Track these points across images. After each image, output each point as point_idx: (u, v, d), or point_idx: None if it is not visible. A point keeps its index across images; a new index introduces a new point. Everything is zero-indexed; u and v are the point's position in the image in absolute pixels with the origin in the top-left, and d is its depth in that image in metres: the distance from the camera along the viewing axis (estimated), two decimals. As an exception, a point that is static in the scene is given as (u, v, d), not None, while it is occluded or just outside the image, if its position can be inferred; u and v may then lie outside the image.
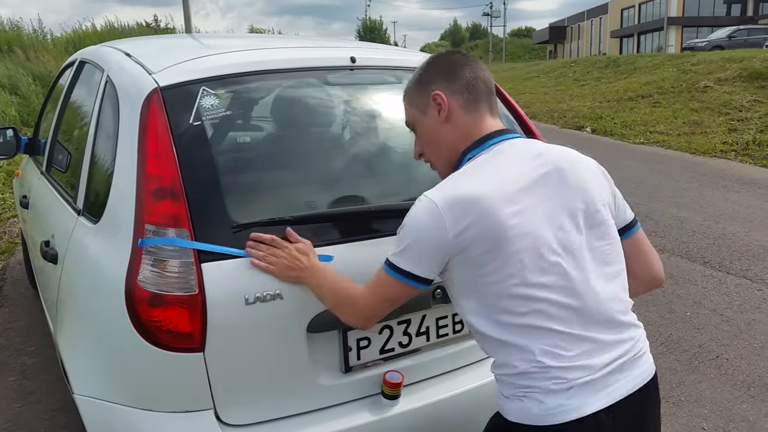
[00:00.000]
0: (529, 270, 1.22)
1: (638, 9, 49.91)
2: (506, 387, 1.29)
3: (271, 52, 2.02)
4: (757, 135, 10.46)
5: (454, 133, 1.38)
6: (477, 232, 1.22)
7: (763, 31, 29.22)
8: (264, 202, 1.64)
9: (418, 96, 1.42)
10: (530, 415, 1.24)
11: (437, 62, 1.44)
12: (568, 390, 1.21)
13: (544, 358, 1.22)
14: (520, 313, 1.23)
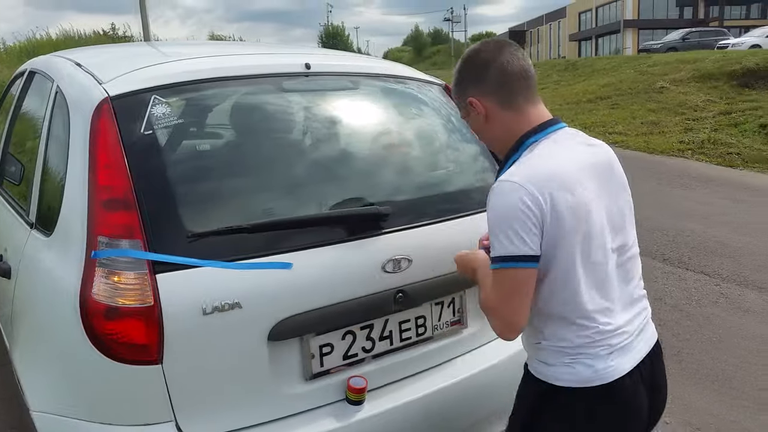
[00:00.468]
0: (599, 245, 1.37)
1: (595, 12, 51.03)
2: (552, 355, 1.41)
3: (225, 59, 2.01)
4: (711, 134, 10.77)
5: (498, 129, 1.47)
6: (564, 202, 1.31)
7: (714, 33, 30.17)
8: (220, 210, 1.62)
9: (460, 101, 1.52)
10: (580, 378, 1.37)
11: (466, 66, 1.49)
12: (610, 354, 1.38)
13: (598, 335, 1.37)
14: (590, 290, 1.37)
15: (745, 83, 13.50)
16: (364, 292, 1.69)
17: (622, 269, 1.45)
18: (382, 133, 2.08)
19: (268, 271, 1.54)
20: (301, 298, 1.60)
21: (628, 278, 1.47)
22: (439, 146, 2.20)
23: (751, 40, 24.16)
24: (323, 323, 1.65)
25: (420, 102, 2.23)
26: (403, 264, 1.74)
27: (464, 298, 1.97)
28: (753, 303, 4.18)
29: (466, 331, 1.99)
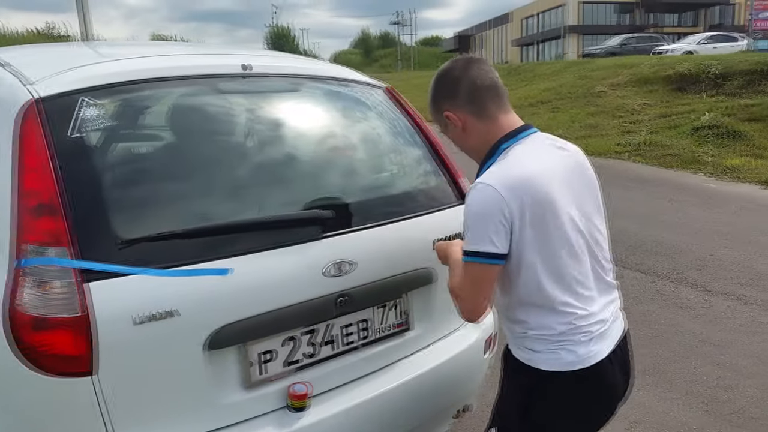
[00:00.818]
0: (573, 241, 1.50)
1: (539, 18, 52.28)
2: (538, 343, 1.52)
3: (161, 59, 1.95)
4: (648, 136, 11.19)
5: (474, 138, 1.59)
6: (533, 204, 1.43)
7: (650, 39, 31.42)
8: (155, 215, 1.57)
9: (436, 115, 1.64)
10: (565, 363, 1.49)
11: (439, 84, 1.62)
12: (590, 340, 1.51)
13: (578, 321, 1.50)
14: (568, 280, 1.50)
15: (680, 87, 14.09)
16: (305, 297, 1.67)
17: (596, 261, 1.58)
18: (323, 136, 2.06)
19: (206, 277, 1.50)
20: (240, 304, 1.56)
21: (602, 269, 1.60)
22: (382, 149, 2.20)
23: (684, 47, 25.29)
24: (263, 330, 1.62)
25: (362, 105, 2.22)
26: (345, 268, 1.73)
27: (409, 300, 1.98)
28: (687, 300, 4.35)
29: (411, 333, 2.00)
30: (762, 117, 11.21)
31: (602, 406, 1.61)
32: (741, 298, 4.35)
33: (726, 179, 8.57)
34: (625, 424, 2.89)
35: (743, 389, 3.16)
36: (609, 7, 47.95)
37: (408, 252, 1.92)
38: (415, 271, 1.94)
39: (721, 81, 13.33)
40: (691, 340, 3.73)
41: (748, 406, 3.00)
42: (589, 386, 1.53)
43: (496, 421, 1.69)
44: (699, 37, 27.83)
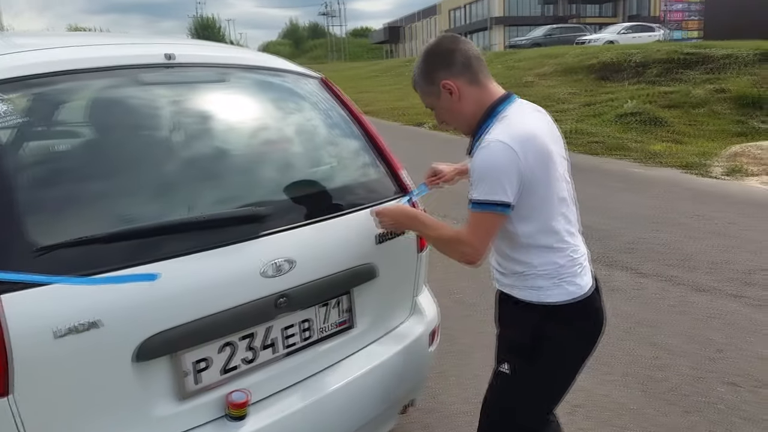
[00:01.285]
0: (562, 188, 1.70)
1: (465, 10, 53.06)
2: (542, 280, 1.70)
3: (77, 50, 1.78)
4: (576, 124, 11.52)
5: (469, 105, 1.72)
6: (537, 157, 1.60)
7: (574, 29, 32.41)
8: (74, 218, 1.43)
9: (429, 86, 1.74)
10: (569, 293, 1.70)
11: (433, 56, 1.73)
12: (582, 272, 1.75)
13: (573, 254, 1.73)
14: (561, 217, 1.70)
15: (603, 76, 14.60)
16: (242, 300, 1.57)
17: (575, 206, 1.80)
18: (257, 129, 1.96)
19: (132, 284, 1.38)
20: (171, 311, 1.45)
21: (576, 213, 1.80)
22: (319, 142, 2.11)
23: (606, 37, 26.22)
24: (197, 337, 1.52)
25: (297, 96, 2.12)
26: (284, 267, 1.64)
27: (352, 297, 1.91)
28: (620, 282, 4.48)
29: (354, 330, 1.93)
30: (680, 104, 11.76)
31: (598, 329, 1.82)
32: (671, 279, 4.51)
33: (650, 164, 8.93)
34: (567, 408, 2.92)
35: (677, 368, 3.26)
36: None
37: (349, 248, 1.85)
38: (357, 267, 1.87)
39: (642, 69, 13.89)
40: (626, 322, 3.84)
41: (681, 384, 3.10)
42: (589, 313, 1.77)
43: (506, 358, 1.81)
44: (619, 27, 28.92)
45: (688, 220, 5.98)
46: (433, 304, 2.30)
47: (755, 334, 3.62)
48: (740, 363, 3.29)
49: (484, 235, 1.64)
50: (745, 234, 5.48)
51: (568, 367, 1.82)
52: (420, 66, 1.75)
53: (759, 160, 8.24)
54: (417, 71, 1.76)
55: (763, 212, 6.21)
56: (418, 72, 1.76)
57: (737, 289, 4.27)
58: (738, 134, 10.28)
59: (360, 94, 19.82)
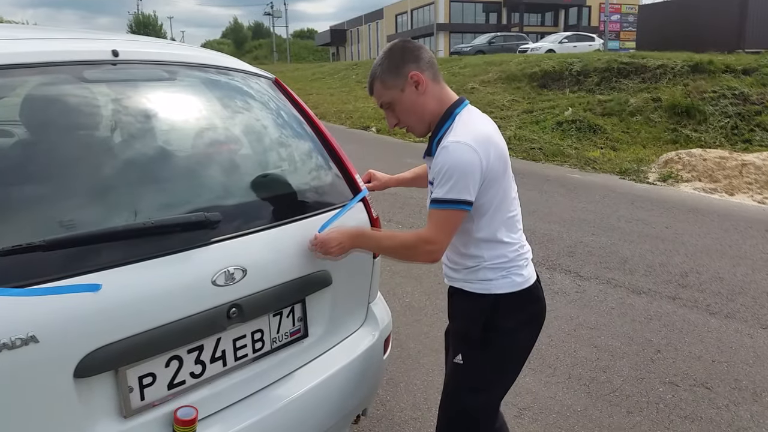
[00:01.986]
0: (510, 187, 1.83)
1: (410, 15, 53.44)
2: (492, 272, 1.82)
3: (12, 43, 1.66)
4: (517, 131, 11.78)
5: (431, 101, 1.81)
6: (496, 157, 1.71)
7: (516, 38, 33.18)
8: (6, 225, 1.32)
9: (395, 78, 1.79)
10: (516, 284, 1.83)
11: (401, 51, 1.80)
12: (526, 265, 1.87)
13: (520, 249, 1.86)
14: (509, 215, 1.83)
15: (543, 84, 14.96)
16: (191, 311, 1.49)
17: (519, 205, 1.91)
18: (206, 130, 1.87)
19: (71, 296, 1.29)
20: (113, 324, 1.36)
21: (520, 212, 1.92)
22: (271, 144, 2.04)
23: (546, 45, 26.96)
24: (141, 351, 1.43)
25: (248, 96, 2.04)
26: (236, 275, 1.57)
27: (305, 306, 1.86)
28: (562, 285, 4.58)
29: (308, 340, 1.88)
30: (615, 111, 12.17)
31: (540, 320, 1.95)
32: (610, 281, 4.64)
33: (588, 170, 9.21)
34: (514, 411, 2.95)
35: (618, 369, 3.35)
36: (477, 6, 49.98)
37: (304, 254, 1.80)
38: (311, 274, 1.82)
39: (582, 78, 14.31)
40: (568, 324, 3.92)
41: (623, 385, 3.18)
42: (533, 302, 1.89)
43: (459, 348, 1.90)
44: (559, 36, 29.78)
45: (625, 224, 6.18)
46: (386, 311, 2.27)
47: (690, 334, 3.76)
48: (678, 363, 3.41)
49: (449, 232, 1.71)
50: (679, 237, 5.71)
51: (516, 355, 1.94)
52: (385, 61, 1.80)
53: (691, 166, 8.61)
54: (380, 68, 1.80)
55: (695, 217, 6.49)
56: (381, 68, 1.80)
57: (673, 291, 4.44)
58: (671, 142, 10.73)
59: (306, 96, 19.66)
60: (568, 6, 49.79)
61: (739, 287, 4.50)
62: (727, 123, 10.83)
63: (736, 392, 3.11)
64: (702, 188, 7.94)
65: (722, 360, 3.45)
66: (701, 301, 4.26)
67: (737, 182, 7.86)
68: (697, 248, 5.40)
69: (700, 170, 8.43)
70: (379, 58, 1.83)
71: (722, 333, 3.78)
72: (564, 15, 50.48)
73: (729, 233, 5.88)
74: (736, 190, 7.70)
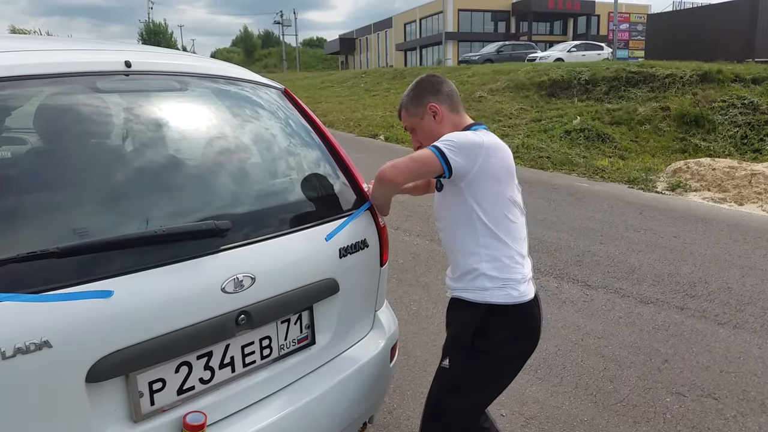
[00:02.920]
0: (514, 196, 1.92)
1: (419, 24, 53.62)
2: (489, 280, 1.87)
3: (29, 54, 1.69)
4: (525, 139, 11.78)
5: (447, 128, 1.99)
6: (501, 161, 1.86)
7: (524, 46, 33.20)
8: (22, 232, 1.35)
9: (416, 108, 2.04)
10: (512, 297, 1.87)
11: (424, 84, 2.06)
12: (524, 281, 1.90)
13: (518, 258, 1.91)
14: (512, 220, 1.90)
15: (552, 93, 14.97)
16: (201, 318, 1.52)
17: (525, 232, 1.99)
18: (216, 139, 1.90)
19: (84, 302, 1.32)
20: (125, 330, 1.39)
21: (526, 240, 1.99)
22: (279, 153, 2.07)
23: (555, 54, 26.96)
24: (152, 357, 1.45)
25: (259, 107, 2.08)
26: (245, 282, 1.60)
27: (312, 313, 1.88)
28: (570, 294, 4.58)
29: (315, 347, 1.90)
30: (624, 120, 12.16)
31: (532, 340, 1.98)
32: (618, 291, 4.64)
33: (597, 179, 9.19)
34: (520, 420, 2.96)
35: (625, 379, 3.35)
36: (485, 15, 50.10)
37: (311, 262, 1.82)
38: (319, 281, 1.84)
39: (591, 87, 14.31)
40: (575, 333, 3.92)
41: (630, 395, 3.18)
42: (526, 319, 1.92)
43: (448, 353, 1.96)
44: (568, 45, 29.79)
45: (633, 233, 6.17)
46: (393, 319, 2.29)
47: (698, 344, 3.75)
48: (685, 373, 3.40)
49: (412, 166, 1.84)
50: (687, 247, 5.69)
51: (502, 367, 1.96)
52: (411, 92, 2.06)
53: (700, 176, 8.59)
54: (407, 98, 2.07)
55: (704, 226, 6.47)
56: (407, 98, 2.07)
57: (681, 301, 4.42)
58: (680, 151, 10.71)
59: (315, 105, 19.77)
60: (577, 15, 49.81)
61: (748, 297, 4.48)
62: (736, 132, 10.81)
63: (744, 403, 3.10)
64: (711, 198, 7.91)
65: (730, 370, 3.43)
66: (709, 311, 4.24)
67: (746, 192, 7.83)
68: (705, 258, 5.38)
69: (709, 180, 8.41)
70: (407, 90, 2.09)
71: (730, 343, 3.77)
72: (573, 24, 50.49)
73: (738, 243, 5.86)
74: (746, 199, 7.67)
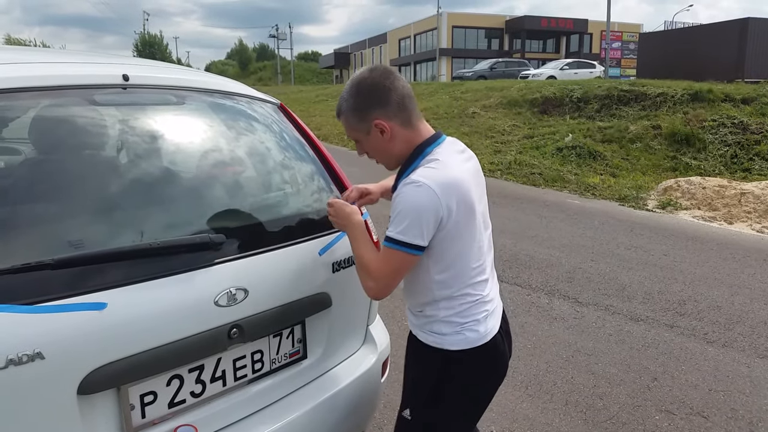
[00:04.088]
0: (480, 235, 1.70)
1: (413, 39, 54.03)
2: (446, 326, 1.70)
3: (26, 67, 1.70)
4: (517, 156, 11.86)
5: (399, 145, 1.70)
6: (460, 206, 1.59)
7: (517, 63, 33.50)
8: (15, 243, 1.36)
9: (359, 123, 1.69)
10: (470, 341, 1.69)
11: (366, 91, 1.67)
12: (486, 318, 1.72)
13: (480, 294, 1.71)
14: (473, 267, 1.69)
15: (544, 110, 15.10)
16: (193, 331, 1.52)
17: (490, 252, 1.80)
18: (211, 153, 1.91)
19: (77, 313, 1.32)
20: (117, 342, 1.39)
21: (492, 258, 1.83)
22: (274, 166, 2.09)
23: (548, 72, 27.22)
24: (144, 370, 1.46)
25: (254, 121, 2.10)
26: (238, 296, 1.61)
27: (305, 327, 1.88)
28: (560, 311, 4.59)
29: (306, 361, 1.90)
30: (615, 138, 12.28)
31: (499, 375, 1.83)
32: (608, 308, 4.66)
33: (588, 196, 9.25)
34: (511, 437, 2.96)
35: (615, 396, 3.36)
36: (479, 32, 50.57)
37: (304, 276, 1.83)
38: (311, 296, 1.85)
39: (583, 105, 14.45)
40: (566, 350, 3.93)
41: (620, 413, 3.19)
42: (489, 358, 1.75)
43: (409, 402, 1.80)
44: (561, 62, 30.08)
45: (624, 251, 6.21)
46: (385, 333, 2.30)
47: (687, 362, 3.76)
48: (674, 391, 3.41)
49: (391, 273, 1.62)
50: (677, 265, 5.73)
51: (468, 410, 1.81)
52: (351, 100, 1.68)
53: (690, 194, 8.66)
54: (346, 105, 1.69)
55: (694, 245, 6.52)
56: (347, 105, 1.69)
57: (671, 319, 4.45)
58: (670, 169, 10.80)
59: (310, 118, 19.83)
60: (570, 33, 50.37)
61: (737, 316, 4.51)
62: (726, 151, 10.93)
63: (732, 421, 3.12)
64: (701, 216, 7.98)
65: (719, 389, 3.45)
66: (699, 330, 4.27)
67: (736, 211, 7.90)
68: (695, 276, 5.42)
69: (699, 198, 8.48)
70: (346, 91, 1.70)
71: (719, 362, 3.79)
72: (565, 42, 51.04)
73: (727, 262, 5.90)
74: (735, 218, 7.74)
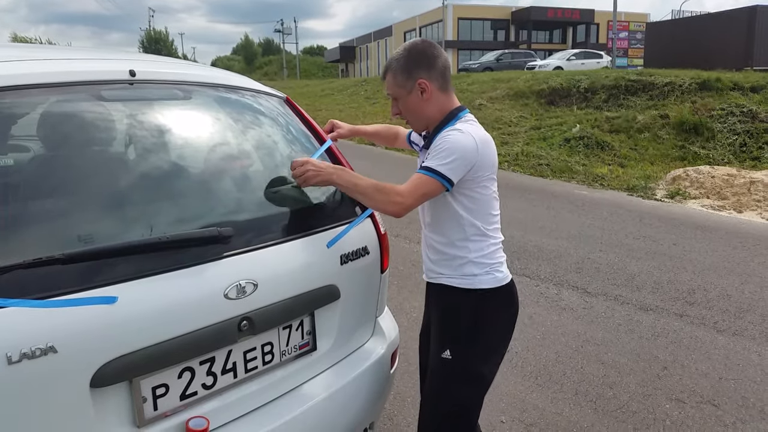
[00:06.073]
0: (496, 189, 1.95)
1: (419, 32, 53.80)
2: (477, 267, 1.92)
3: (34, 64, 1.71)
4: (524, 147, 11.82)
5: (434, 108, 1.93)
6: (490, 159, 1.88)
7: (523, 54, 33.33)
8: (27, 238, 1.37)
9: (405, 80, 1.91)
10: (498, 280, 1.94)
11: (418, 54, 1.91)
12: (503, 264, 1.98)
13: (499, 243, 1.98)
14: (493, 214, 1.95)
15: (551, 101, 15.03)
16: (203, 324, 1.54)
17: None
18: (219, 147, 1.92)
19: (89, 307, 1.33)
20: (129, 336, 1.40)
21: None
22: (281, 160, 2.09)
23: (554, 62, 27.08)
24: (155, 362, 1.47)
25: (261, 115, 2.10)
26: (248, 289, 1.62)
27: (314, 319, 1.89)
28: (569, 301, 4.59)
29: (316, 353, 1.91)
30: (623, 128, 12.20)
31: (516, 315, 2.05)
32: (617, 298, 4.65)
33: (596, 186, 9.22)
34: (521, 427, 2.97)
35: (625, 385, 3.36)
36: (485, 23, 50.31)
37: (313, 269, 1.84)
38: (320, 288, 1.86)
39: (590, 95, 14.37)
40: (575, 340, 3.93)
41: (630, 402, 3.19)
42: (512, 295, 2.00)
43: (448, 342, 1.95)
44: (567, 53, 29.92)
45: (632, 241, 6.19)
46: (394, 325, 2.30)
47: (698, 351, 3.76)
48: (685, 380, 3.41)
49: (419, 196, 1.81)
50: (687, 255, 5.71)
51: (499, 348, 2.02)
52: (402, 60, 1.90)
53: (699, 183, 8.62)
54: (396, 63, 1.91)
55: (703, 234, 6.49)
56: (397, 64, 1.91)
57: (680, 308, 4.44)
58: (679, 159, 10.74)
59: (316, 112, 19.83)
60: (576, 23, 50.02)
61: (747, 305, 4.50)
62: (735, 140, 10.84)
63: (743, 410, 3.11)
64: (710, 205, 7.94)
65: (729, 377, 3.44)
66: (708, 319, 4.26)
67: (745, 199, 7.86)
68: (704, 265, 5.40)
69: (708, 187, 8.43)
70: (398, 52, 1.93)
71: (729, 350, 3.78)
72: (572, 32, 50.69)
73: (737, 250, 5.87)
74: (745, 207, 7.70)
